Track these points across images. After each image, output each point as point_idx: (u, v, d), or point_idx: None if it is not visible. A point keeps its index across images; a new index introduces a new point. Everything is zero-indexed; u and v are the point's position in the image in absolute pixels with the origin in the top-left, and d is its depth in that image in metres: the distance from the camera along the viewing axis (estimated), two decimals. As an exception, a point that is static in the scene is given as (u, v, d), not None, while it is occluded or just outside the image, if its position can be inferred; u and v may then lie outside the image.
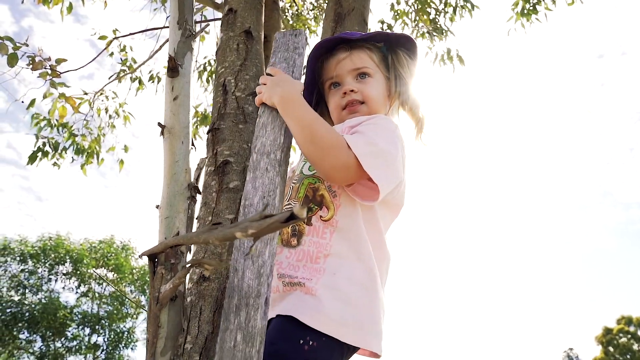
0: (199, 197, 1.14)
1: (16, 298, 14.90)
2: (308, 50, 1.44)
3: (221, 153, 1.96)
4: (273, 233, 1.05)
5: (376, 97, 1.33)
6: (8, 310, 14.49)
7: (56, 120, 4.52)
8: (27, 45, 3.36)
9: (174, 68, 1.11)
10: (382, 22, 5.82)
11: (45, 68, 3.37)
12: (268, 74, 1.26)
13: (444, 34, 5.44)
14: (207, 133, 2.06)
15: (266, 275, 0.97)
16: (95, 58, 3.82)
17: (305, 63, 1.34)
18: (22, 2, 4.40)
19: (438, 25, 5.27)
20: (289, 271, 1.16)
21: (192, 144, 1.16)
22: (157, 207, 1.10)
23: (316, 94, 1.47)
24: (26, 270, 15.30)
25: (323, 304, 1.07)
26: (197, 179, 1.12)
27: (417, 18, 5.42)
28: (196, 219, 1.92)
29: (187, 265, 0.92)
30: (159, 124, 1.12)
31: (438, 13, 5.53)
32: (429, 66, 5.35)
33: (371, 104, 1.32)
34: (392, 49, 1.37)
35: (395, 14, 5.74)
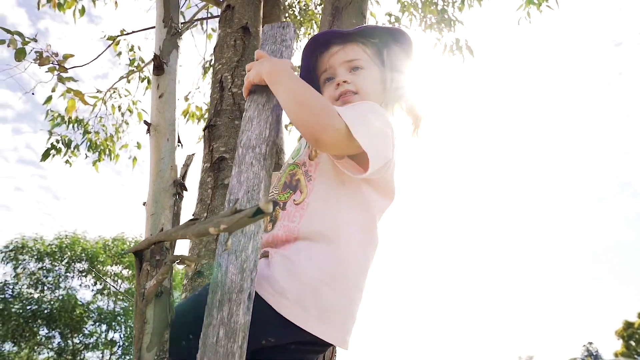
0: (185, 194, 1.14)
1: (35, 295, 15.22)
2: (299, 43, 1.44)
3: (217, 149, 1.97)
4: (257, 227, 1.05)
5: (369, 89, 1.32)
6: (28, 307, 14.82)
7: (69, 117, 4.59)
8: (36, 41, 3.42)
9: (159, 66, 1.12)
10: (390, 15, 5.77)
11: (52, 63, 3.42)
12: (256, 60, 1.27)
13: (452, 24, 5.36)
14: (204, 130, 2.07)
15: (249, 270, 0.97)
16: (99, 55, 3.87)
17: (293, 55, 1.34)
18: (38, 8, 4.47)
19: (446, 16, 5.20)
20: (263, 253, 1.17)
21: (179, 141, 1.16)
22: (144, 204, 1.10)
23: None
24: (44, 268, 15.61)
25: (271, 270, 1.08)
26: (183, 176, 1.12)
27: (424, 11, 5.34)
28: (192, 215, 1.93)
29: (169, 262, 0.93)
30: (145, 122, 1.12)
31: (446, 3, 5.46)
32: (438, 57, 5.29)
33: (364, 95, 1.31)
34: (387, 44, 1.36)
35: (402, 6, 5.68)
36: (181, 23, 4.52)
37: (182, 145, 1.17)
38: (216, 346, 0.91)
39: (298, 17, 6.32)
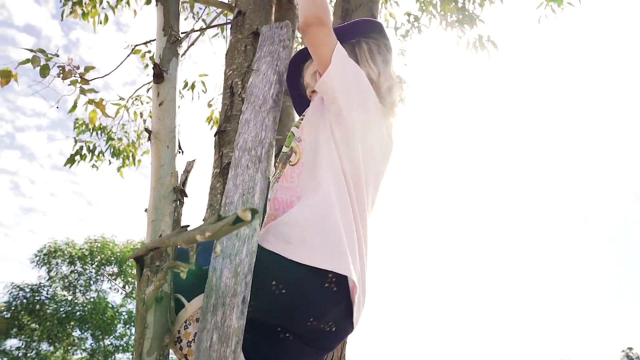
0: (196, 199, 1.16)
1: (69, 297, 15.71)
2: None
3: (226, 155, 1.98)
4: (252, 231, 1.05)
5: None
6: (62, 309, 15.31)
7: (93, 126, 4.74)
8: (58, 56, 3.56)
9: (159, 74, 1.14)
10: (409, 15, 5.72)
11: (74, 76, 3.54)
12: None
13: (473, 21, 5.27)
14: (214, 136, 2.10)
15: (243, 274, 0.98)
16: (119, 66, 3.98)
17: (291, 56, 1.36)
18: (62, 19, 4.64)
19: (467, 14, 5.10)
20: (269, 221, 1.21)
21: (180, 148, 1.18)
22: (146, 210, 1.12)
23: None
24: (75, 271, 16.09)
25: (276, 226, 1.12)
26: (183, 182, 1.14)
27: (443, 9, 5.27)
28: (202, 220, 1.95)
29: (165, 268, 0.94)
30: (146, 130, 1.15)
31: (467, 0, 5.36)
32: (461, 55, 5.20)
33: None
34: (358, 41, 1.38)
35: (421, 5, 5.62)
36: (199, 29, 4.60)
37: (182, 152, 1.18)
38: (209, 350, 0.92)
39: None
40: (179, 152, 1.17)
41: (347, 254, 1.07)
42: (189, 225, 0.87)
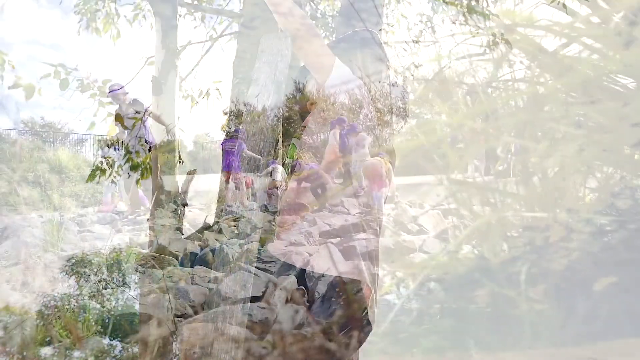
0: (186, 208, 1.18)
1: (97, 306, 16.10)
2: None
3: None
4: (253, 242, 1.06)
5: None
6: (90, 318, 15.68)
7: (111, 141, 4.83)
8: (77, 70, 3.66)
9: (158, 86, 1.16)
10: (421, 15, 5.69)
11: (93, 90, 3.63)
12: None
13: (485, 17, 5.19)
14: (222, 144, 2.13)
15: (243, 282, 0.99)
16: (134, 78, 4.05)
17: (288, 65, 1.37)
18: (79, 34, 4.79)
19: (476, 16, 5.04)
20: (280, 230, 1.21)
21: (180, 157, 1.20)
22: (148, 219, 1.14)
23: None
24: (102, 280, 16.48)
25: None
26: (185, 191, 1.16)
27: (454, 7, 5.21)
28: (207, 227, 1.98)
29: (163, 276, 0.96)
30: (146, 141, 1.17)
31: (478, -1, 5.29)
32: (475, 53, 5.14)
33: None
34: (354, 50, 1.39)
35: (433, 4, 5.59)
36: (209, 39, 4.66)
37: (182, 161, 1.20)
38: (210, 357, 0.93)
39: (330, 24, 6.34)
40: (179, 162, 1.19)
41: (359, 260, 1.08)
42: (183, 233, 0.89)
